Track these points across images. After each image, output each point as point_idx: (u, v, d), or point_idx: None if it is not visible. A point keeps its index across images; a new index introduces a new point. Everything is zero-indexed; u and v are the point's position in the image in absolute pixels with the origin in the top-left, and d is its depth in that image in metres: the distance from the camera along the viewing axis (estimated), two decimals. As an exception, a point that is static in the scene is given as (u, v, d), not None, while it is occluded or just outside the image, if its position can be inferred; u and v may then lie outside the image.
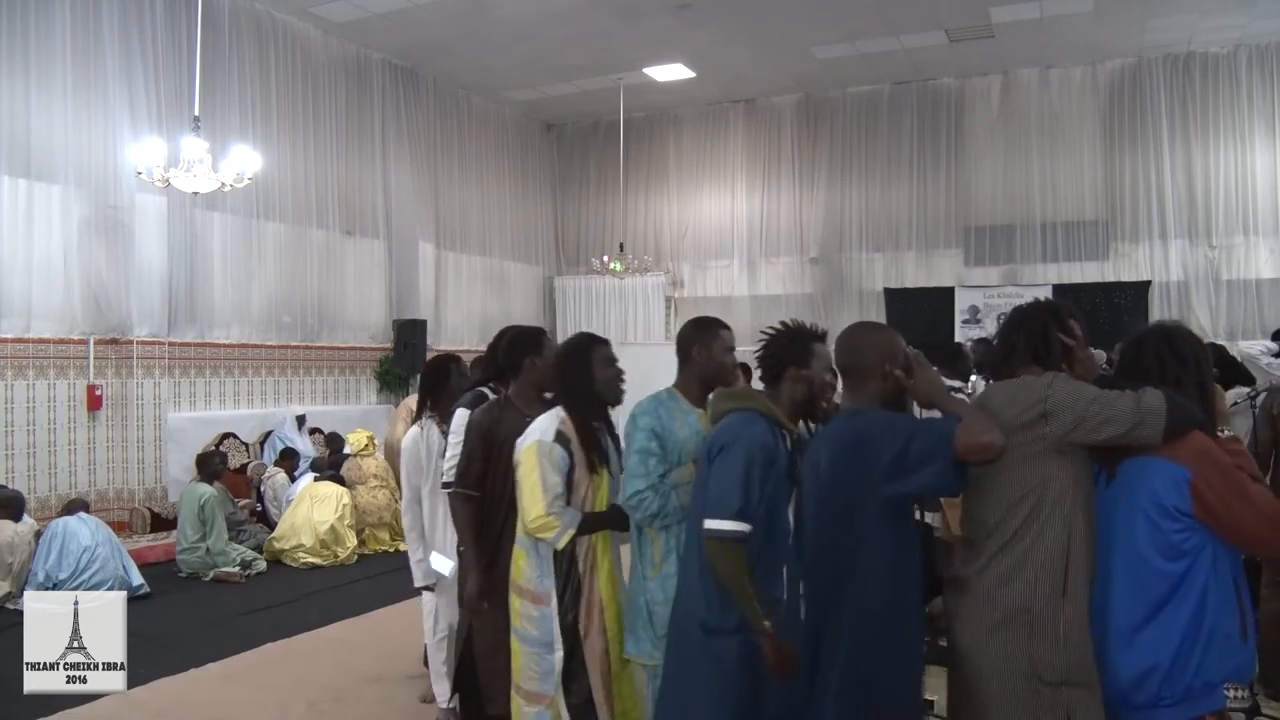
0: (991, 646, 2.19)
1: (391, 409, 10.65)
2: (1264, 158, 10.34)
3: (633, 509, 2.77)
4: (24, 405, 7.46)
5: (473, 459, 3.25)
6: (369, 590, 6.55)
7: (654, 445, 2.77)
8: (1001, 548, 2.21)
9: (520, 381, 3.30)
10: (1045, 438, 2.15)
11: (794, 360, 2.58)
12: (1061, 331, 2.32)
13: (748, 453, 2.41)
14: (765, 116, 12.66)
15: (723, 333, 2.92)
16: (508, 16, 9.47)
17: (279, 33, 9.55)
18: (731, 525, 2.38)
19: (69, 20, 7.64)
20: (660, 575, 2.78)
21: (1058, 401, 2.14)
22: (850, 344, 2.46)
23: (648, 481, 2.74)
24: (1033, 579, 2.16)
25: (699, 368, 2.88)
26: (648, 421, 2.80)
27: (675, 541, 2.77)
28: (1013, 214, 11.37)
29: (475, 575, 3.23)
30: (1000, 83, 11.43)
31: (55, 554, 5.98)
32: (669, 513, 2.74)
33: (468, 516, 3.28)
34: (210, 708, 4.40)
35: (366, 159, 10.66)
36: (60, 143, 7.61)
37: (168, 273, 8.41)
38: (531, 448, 2.92)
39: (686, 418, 2.84)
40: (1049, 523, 2.16)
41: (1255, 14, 9.48)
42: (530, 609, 2.96)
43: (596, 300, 13.40)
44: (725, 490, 2.40)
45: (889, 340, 2.43)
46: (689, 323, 3.02)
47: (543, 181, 13.86)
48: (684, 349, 2.91)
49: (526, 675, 2.97)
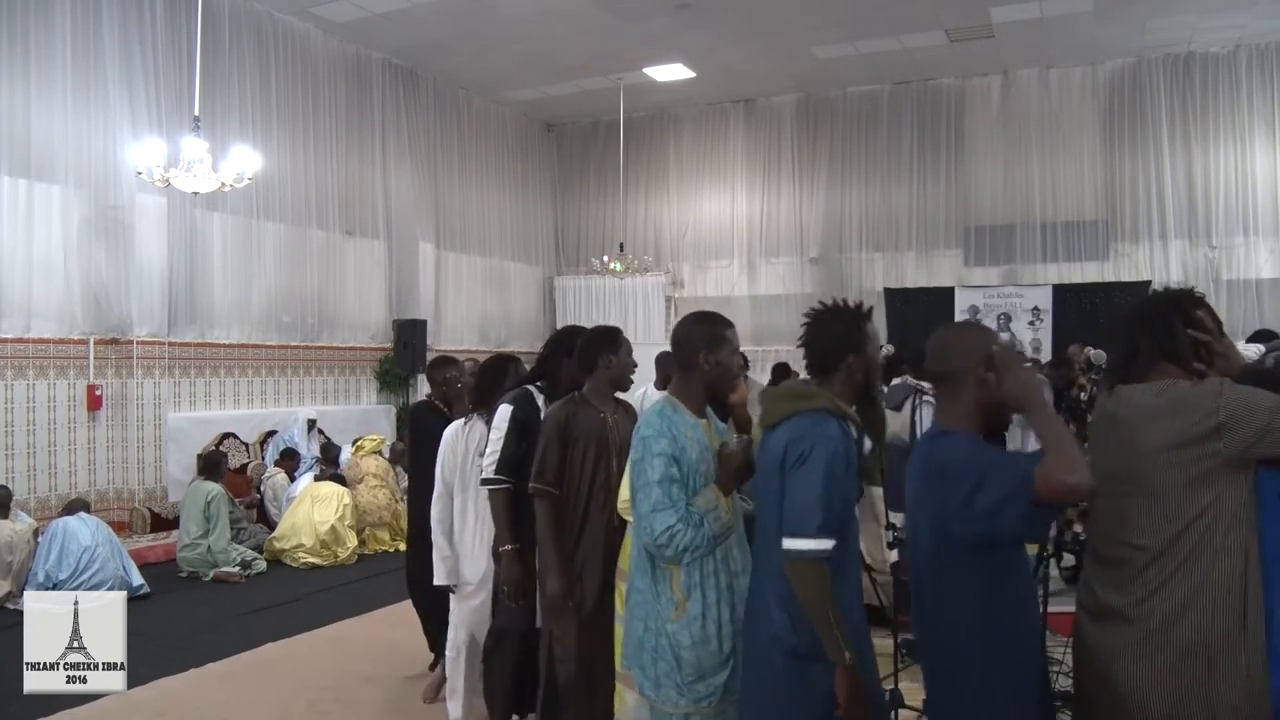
0: (1165, 688, 1.94)
1: (391, 409, 10.68)
2: (1264, 158, 10.34)
3: (663, 547, 2.44)
4: (24, 405, 7.46)
5: (548, 456, 3.13)
6: (369, 590, 6.54)
7: (674, 471, 2.48)
8: (1170, 576, 1.95)
9: (596, 379, 3.24)
10: (1219, 453, 1.91)
11: (853, 347, 2.34)
12: (1190, 325, 2.08)
13: (828, 462, 2.18)
14: (765, 116, 12.66)
15: (729, 333, 2.64)
16: (508, 16, 9.47)
17: (279, 33, 9.55)
18: (814, 544, 2.16)
19: (69, 20, 7.64)
20: (685, 616, 2.49)
21: (1233, 413, 1.90)
22: (940, 347, 2.20)
23: (676, 514, 2.44)
24: (1210, 611, 1.92)
25: (706, 376, 2.61)
26: (664, 446, 2.49)
27: (698, 574, 2.50)
28: (1013, 214, 11.37)
29: (555, 575, 3.08)
30: (1000, 83, 11.44)
31: (55, 554, 5.98)
32: (700, 544, 2.46)
33: (549, 516, 3.13)
34: (210, 708, 4.39)
35: (366, 159, 10.66)
36: (60, 143, 7.61)
37: (168, 273, 8.41)
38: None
39: (694, 433, 2.57)
40: (1224, 546, 1.93)
41: (1255, 14, 9.48)
42: None
43: (596, 300, 13.40)
44: (806, 505, 2.17)
45: (986, 340, 2.15)
46: (690, 322, 2.68)
47: (543, 181, 13.86)
48: (688, 354, 2.62)
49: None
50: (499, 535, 3.41)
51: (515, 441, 3.37)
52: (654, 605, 2.55)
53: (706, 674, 2.49)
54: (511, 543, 3.36)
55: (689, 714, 2.51)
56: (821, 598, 2.16)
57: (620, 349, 3.24)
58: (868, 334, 2.38)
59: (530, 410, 3.45)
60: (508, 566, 3.36)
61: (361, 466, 8.06)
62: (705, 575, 2.50)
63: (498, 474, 3.37)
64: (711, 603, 2.50)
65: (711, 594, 2.50)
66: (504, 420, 3.42)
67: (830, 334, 2.37)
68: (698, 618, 2.48)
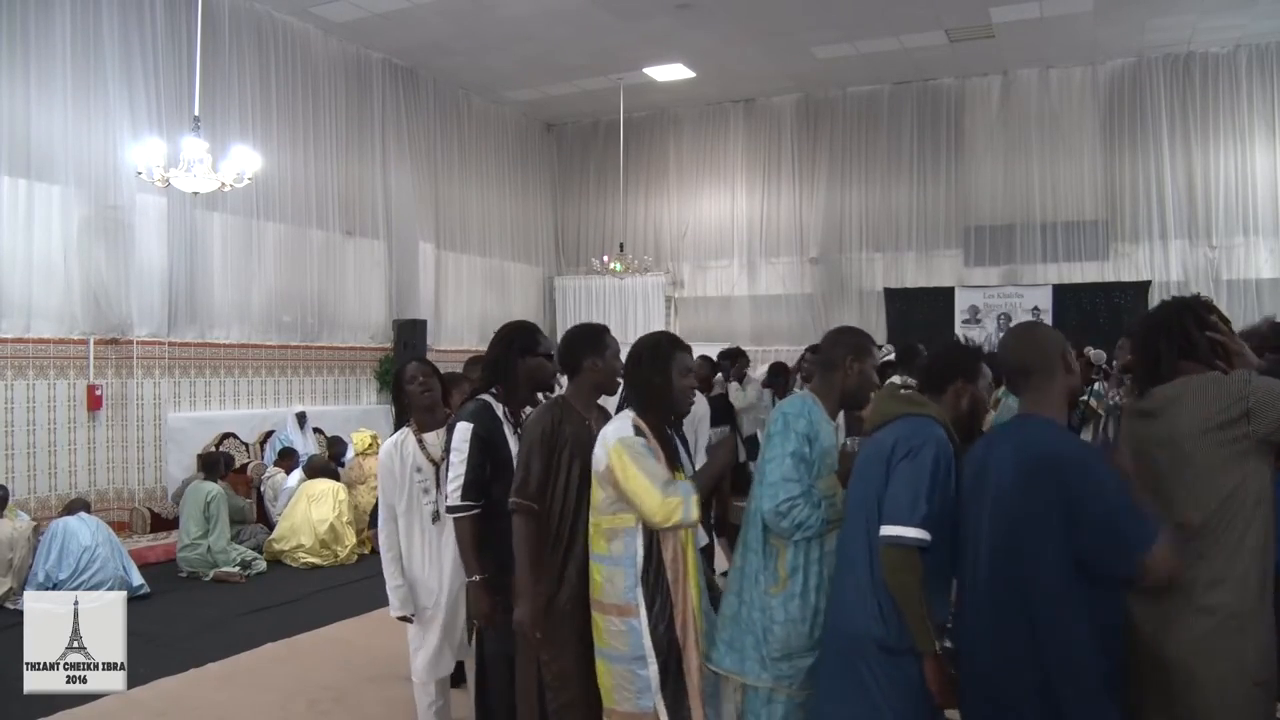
0: (1207, 652, 2.10)
1: (390, 409, 10.67)
2: (1264, 158, 10.34)
3: (780, 515, 2.54)
4: (24, 405, 7.46)
5: (532, 468, 2.87)
6: (369, 590, 6.52)
7: (807, 450, 2.61)
8: (1209, 548, 2.14)
9: (579, 382, 3.00)
10: (1247, 437, 2.12)
11: (963, 373, 2.55)
12: (1204, 328, 2.27)
13: (935, 458, 2.30)
14: (765, 116, 12.66)
15: (874, 349, 2.84)
16: (508, 16, 9.47)
17: (279, 33, 9.55)
18: (914, 532, 2.24)
19: (69, 20, 7.64)
20: (784, 592, 2.57)
21: (1261, 400, 2.11)
22: (1028, 340, 2.34)
23: (801, 488, 2.55)
24: (1241, 581, 2.12)
25: (846, 380, 2.76)
26: (803, 425, 2.63)
27: (804, 557, 2.58)
28: (1013, 214, 11.37)
29: (526, 600, 2.83)
30: (1000, 83, 11.43)
31: (55, 554, 5.98)
32: (814, 524, 2.55)
33: (527, 533, 2.86)
34: (210, 708, 4.39)
35: (366, 159, 10.66)
36: (60, 143, 7.61)
37: (168, 273, 8.41)
38: (617, 448, 2.67)
39: (827, 427, 2.72)
40: (1253, 522, 2.13)
41: (1255, 14, 9.47)
42: (616, 623, 2.71)
43: (596, 300, 13.40)
44: (911, 495, 2.27)
45: (1061, 337, 2.35)
46: (841, 330, 2.92)
47: (543, 181, 13.86)
48: (835, 356, 2.78)
49: (621, 695, 2.72)
50: (466, 566, 3.11)
51: (478, 461, 3.08)
52: (755, 580, 2.63)
53: (793, 654, 2.56)
54: (480, 572, 3.07)
55: (772, 690, 2.58)
56: (914, 585, 2.24)
57: (606, 350, 2.98)
58: (983, 371, 2.58)
59: (491, 424, 3.14)
60: (477, 599, 3.09)
61: (364, 467, 8.05)
62: (810, 560, 2.58)
63: (464, 499, 3.07)
64: (812, 587, 2.58)
65: (814, 579, 2.59)
66: (464, 440, 3.08)
67: (949, 357, 2.62)
68: (795, 596, 2.56)
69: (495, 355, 3.25)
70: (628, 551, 2.71)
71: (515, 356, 3.20)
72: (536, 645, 2.86)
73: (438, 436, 3.47)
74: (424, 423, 3.54)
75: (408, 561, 3.49)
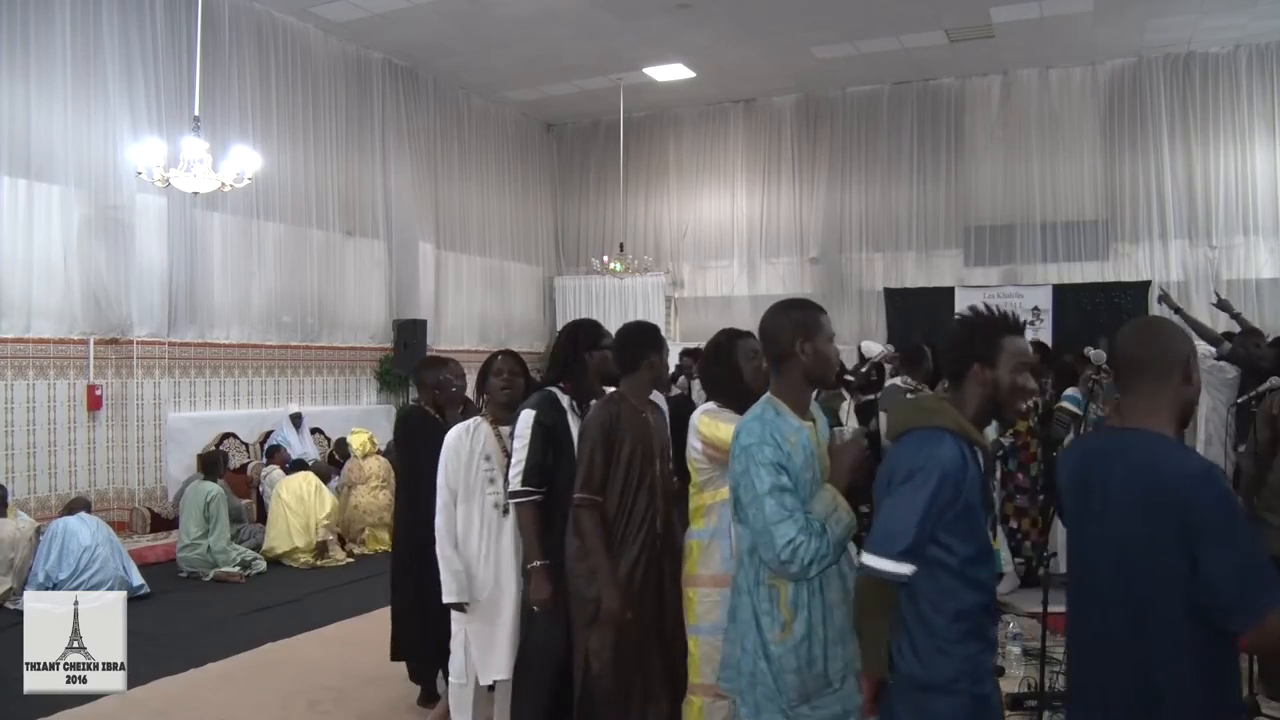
0: None
1: (391, 409, 10.68)
2: (1264, 158, 10.33)
3: (788, 563, 2.21)
4: (24, 405, 7.46)
5: (595, 462, 2.99)
6: (369, 590, 6.53)
7: (784, 480, 2.25)
8: None
9: (637, 378, 3.11)
10: None
11: (977, 356, 2.13)
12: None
13: (935, 485, 2.00)
14: (765, 116, 12.66)
15: (823, 318, 2.43)
16: (508, 16, 9.47)
17: (279, 33, 9.55)
18: (894, 566, 2.00)
19: (69, 20, 7.64)
20: (790, 639, 2.31)
21: None
22: (1149, 335, 2.06)
23: (796, 525, 2.20)
24: None
25: (804, 367, 2.38)
26: (769, 454, 2.26)
27: (806, 591, 2.31)
28: (1013, 214, 11.37)
29: (613, 589, 2.94)
30: (1000, 83, 11.43)
31: (55, 554, 5.97)
32: (826, 553, 2.23)
33: (595, 526, 2.97)
34: (210, 708, 4.39)
35: (366, 159, 10.66)
36: (60, 143, 7.61)
37: (168, 273, 8.41)
38: (704, 418, 2.92)
39: (798, 436, 2.33)
40: None
41: (1255, 14, 9.47)
42: (711, 594, 2.78)
43: (596, 300, 13.39)
44: (898, 524, 2.01)
45: (1190, 340, 2.05)
46: (778, 310, 2.46)
47: (543, 181, 13.87)
48: (782, 345, 2.39)
49: (708, 668, 2.74)
50: (528, 551, 3.21)
51: (541, 449, 3.17)
52: (753, 625, 2.37)
53: (812, 696, 2.35)
54: (541, 558, 3.15)
55: None
56: (879, 618, 2.08)
57: (663, 349, 3.16)
58: (1002, 346, 2.12)
59: (555, 415, 3.24)
60: (538, 585, 3.15)
61: (364, 468, 8.05)
62: (813, 592, 2.32)
63: (525, 485, 3.17)
64: (818, 622, 2.34)
65: (818, 612, 2.34)
66: (527, 427, 3.18)
67: (957, 338, 2.19)
68: (804, 639, 2.31)
69: (564, 351, 3.36)
70: (723, 524, 2.78)
71: (583, 351, 3.31)
72: (622, 629, 2.96)
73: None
74: (499, 416, 3.52)
75: (463, 548, 3.44)
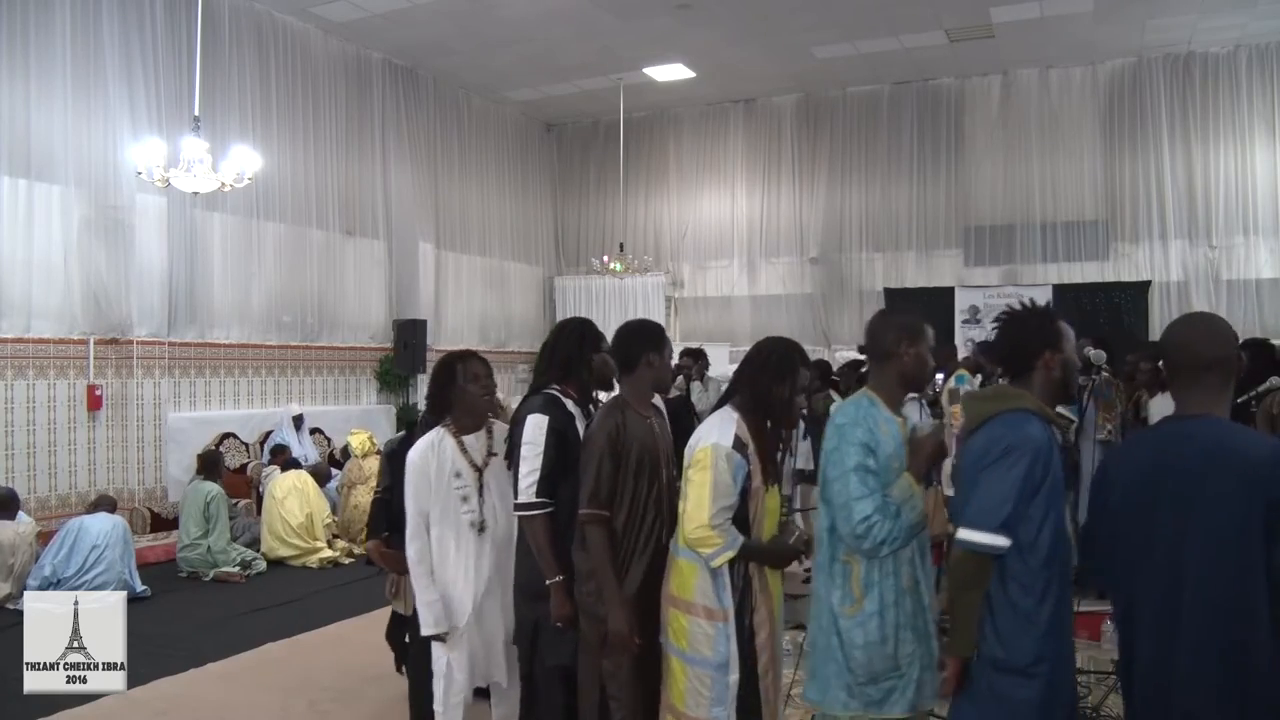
0: None
1: (391, 409, 10.68)
2: (1264, 158, 10.33)
3: (860, 538, 2.36)
4: (24, 405, 7.46)
5: (602, 474, 2.79)
6: (369, 590, 6.53)
7: (870, 461, 2.40)
8: None
9: (637, 379, 2.93)
10: None
11: (1048, 343, 2.27)
12: None
13: (1030, 461, 2.12)
14: (765, 116, 12.66)
15: (928, 327, 2.58)
16: (508, 16, 9.47)
17: (279, 33, 9.55)
18: (991, 539, 2.10)
19: (69, 20, 7.64)
20: (860, 613, 2.40)
21: None
22: (1214, 331, 2.09)
23: (874, 503, 2.35)
24: None
25: (903, 367, 2.53)
26: (860, 434, 2.42)
27: (879, 571, 2.41)
28: (1013, 214, 11.37)
29: (619, 610, 2.74)
30: (1000, 83, 11.43)
31: (66, 550, 5.99)
32: (898, 536, 2.37)
33: (604, 541, 2.79)
34: (210, 708, 4.39)
35: (366, 159, 10.66)
36: (60, 143, 7.61)
37: (168, 273, 8.41)
38: (708, 449, 2.61)
39: (889, 427, 2.49)
40: None
41: (1255, 14, 9.47)
42: (704, 626, 2.63)
43: (596, 300, 13.39)
44: (995, 499, 2.11)
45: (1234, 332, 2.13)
46: (886, 313, 2.70)
47: (543, 181, 13.86)
48: (886, 345, 2.55)
49: (695, 700, 2.63)
50: (545, 567, 2.94)
51: (554, 456, 2.94)
52: (827, 602, 2.47)
53: (879, 677, 2.40)
54: (559, 574, 2.92)
55: (856, 718, 2.42)
56: (974, 592, 2.14)
57: (665, 348, 2.97)
58: (1061, 330, 2.31)
59: (565, 419, 3.02)
60: (560, 602, 2.91)
61: (364, 467, 8.04)
62: (885, 574, 2.41)
63: (539, 496, 2.93)
64: (890, 602, 2.41)
65: (890, 593, 2.41)
66: (540, 432, 2.94)
67: (1023, 331, 2.32)
68: (874, 615, 2.40)
69: (568, 352, 3.13)
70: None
71: (590, 352, 3.12)
72: (631, 651, 2.77)
73: (477, 439, 3.21)
74: (464, 425, 3.20)
75: (439, 575, 3.14)
